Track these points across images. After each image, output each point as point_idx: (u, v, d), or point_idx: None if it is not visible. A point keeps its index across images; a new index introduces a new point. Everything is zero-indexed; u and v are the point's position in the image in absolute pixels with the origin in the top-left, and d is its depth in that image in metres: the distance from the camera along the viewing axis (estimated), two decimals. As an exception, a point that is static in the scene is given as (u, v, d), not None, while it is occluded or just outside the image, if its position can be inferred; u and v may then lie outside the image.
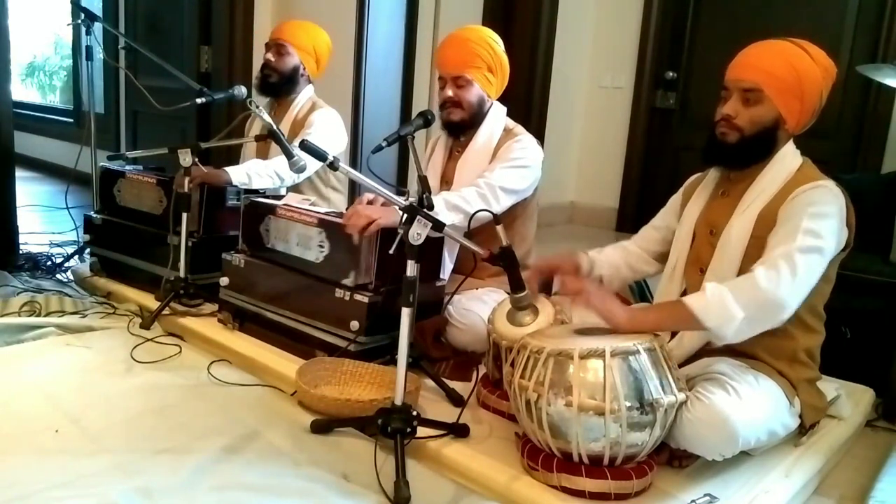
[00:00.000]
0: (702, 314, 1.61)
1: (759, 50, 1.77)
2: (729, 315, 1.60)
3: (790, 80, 1.72)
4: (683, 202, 1.99)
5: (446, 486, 1.70)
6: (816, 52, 1.76)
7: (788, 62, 1.72)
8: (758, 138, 1.76)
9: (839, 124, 3.82)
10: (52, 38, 7.47)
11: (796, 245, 1.64)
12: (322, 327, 2.24)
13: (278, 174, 2.75)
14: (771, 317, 1.64)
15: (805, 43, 1.76)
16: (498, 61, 2.41)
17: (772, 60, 1.74)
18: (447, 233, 1.76)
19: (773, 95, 1.73)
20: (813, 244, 1.65)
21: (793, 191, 1.72)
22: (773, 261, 1.64)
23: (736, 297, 1.60)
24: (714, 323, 1.61)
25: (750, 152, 1.79)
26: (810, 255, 1.64)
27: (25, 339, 2.41)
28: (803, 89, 1.73)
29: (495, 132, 2.45)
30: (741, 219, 1.78)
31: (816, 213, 1.67)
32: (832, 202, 1.70)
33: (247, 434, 1.86)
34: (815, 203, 1.68)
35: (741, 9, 4.12)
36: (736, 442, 1.60)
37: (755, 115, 1.75)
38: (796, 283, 1.63)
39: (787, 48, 1.75)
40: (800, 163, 1.80)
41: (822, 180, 1.74)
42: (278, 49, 2.93)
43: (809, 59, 1.73)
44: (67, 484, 1.60)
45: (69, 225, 3.66)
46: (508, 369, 1.75)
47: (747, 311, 1.60)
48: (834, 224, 1.69)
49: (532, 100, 4.50)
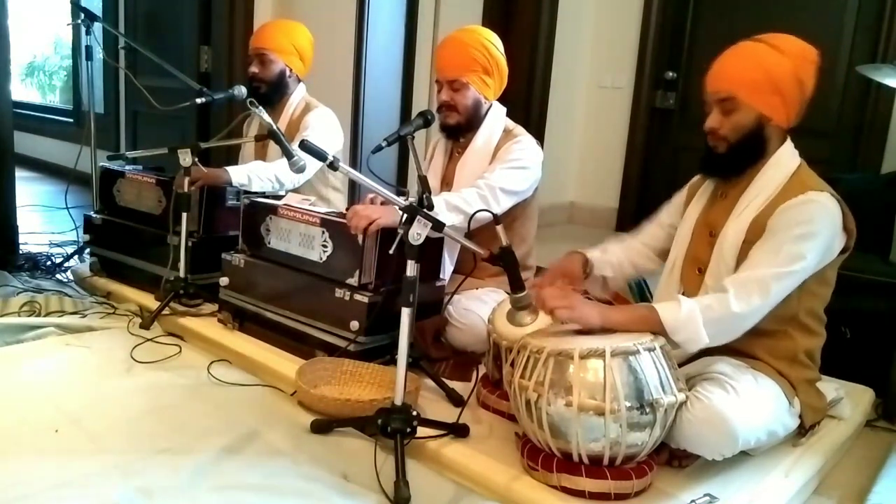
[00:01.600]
0: (671, 329, 1.65)
1: (726, 59, 1.78)
2: (696, 337, 1.65)
3: (760, 79, 1.73)
4: (687, 201, 2.00)
5: (446, 486, 1.70)
6: (785, 42, 1.75)
7: (755, 63, 1.73)
8: (745, 142, 1.78)
9: (839, 124, 3.82)
10: (52, 38, 7.47)
11: (774, 271, 1.66)
12: (322, 327, 2.24)
13: (278, 178, 2.75)
14: (733, 333, 1.71)
15: (772, 37, 1.76)
16: (494, 63, 2.40)
17: (739, 66, 1.76)
18: (447, 233, 1.76)
19: (747, 99, 1.74)
20: (791, 268, 1.67)
21: (785, 200, 1.72)
22: (747, 283, 1.67)
23: (706, 320, 1.65)
24: (681, 339, 1.66)
25: (742, 158, 1.81)
26: (784, 279, 1.67)
27: (25, 339, 2.41)
28: (777, 84, 1.73)
29: (494, 133, 2.45)
30: (736, 223, 1.79)
31: (802, 234, 1.68)
32: (821, 220, 1.69)
33: (247, 434, 1.86)
34: (803, 222, 1.68)
35: (741, 9, 4.12)
36: (736, 441, 1.61)
37: (736, 123, 1.77)
38: (764, 306, 1.68)
39: (752, 49, 1.76)
40: (797, 165, 1.80)
41: (815, 192, 1.71)
42: (260, 58, 2.91)
43: (776, 52, 1.73)
44: (67, 484, 1.60)
45: (69, 225, 3.66)
46: (508, 369, 1.75)
47: (712, 332, 1.66)
48: (820, 243, 1.69)
49: (532, 100, 4.50)
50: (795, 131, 1.84)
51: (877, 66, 3.15)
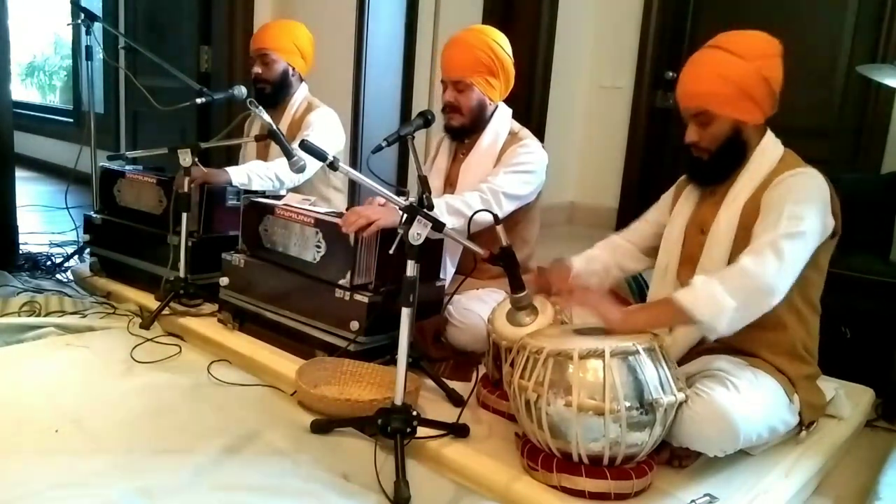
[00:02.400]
0: (692, 308, 1.62)
1: (689, 73, 1.81)
2: (720, 306, 1.60)
3: (726, 89, 1.75)
4: (674, 199, 2.01)
5: (446, 486, 1.70)
6: (742, 44, 1.76)
7: (716, 74, 1.75)
8: (727, 149, 1.81)
9: (839, 124, 3.81)
10: (52, 38, 7.47)
11: (780, 231, 1.66)
12: (322, 327, 2.24)
13: (279, 177, 2.75)
14: (761, 302, 1.65)
15: (729, 40, 1.78)
16: (500, 64, 2.38)
17: (702, 80, 1.78)
18: (447, 233, 1.76)
19: (719, 110, 1.77)
20: (796, 229, 1.67)
21: (774, 179, 1.75)
22: (759, 248, 1.66)
23: (725, 287, 1.61)
24: (706, 315, 1.61)
25: (726, 163, 1.84)
26: (794, 239, 1.66)
27: (25, 339, 2.41)
28: (744, 89, 1.75)
29: (500, 135, 2.44)
30: (727, 212, 1.81)
31: (797, 198, 1.70)
32: (813, 187, 1.73)
33: (247, 434, 1.86)
34: (795, 189, 1.71)
35: (741, 9, 4.11)
36: (737, 437, 1.61)
37: (714, 133, 1.80)
38: (783, 268, 1.64)
39: (710, 60, 1.77)
40: (781, 153, 1.83)
41: (803, 167, 1.77)
42: (262, 59, 2.91)
43: (735, 58, 1.74)
44: (67, 484, 1.59)
45: (69, 225, 3.66)
46: (508, 369, 1.75)
47: (737, 300, 1.60)
48: (816, 208, 1.70)
49: (532, 100, 4.49)
50: (794, 131, 1.85)
51: (877, 66, 3.15)
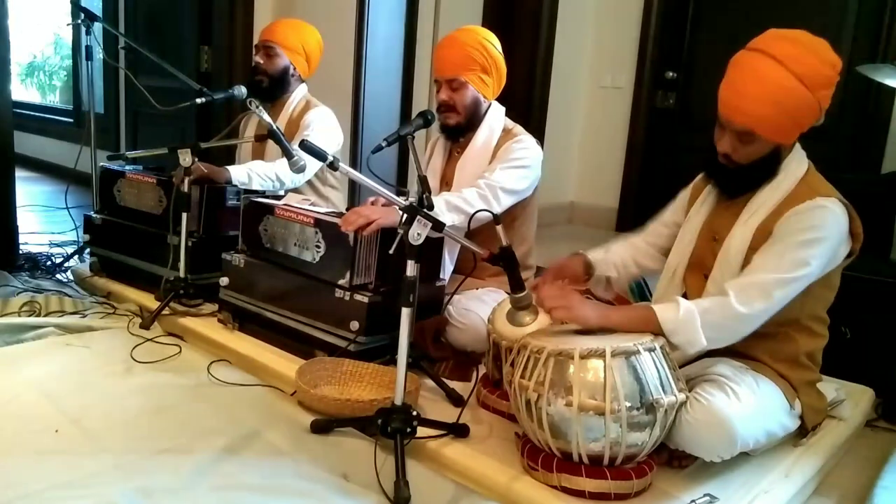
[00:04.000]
0: (669, 330, 1.64)
1: (745, 86, 1.66)
2: (694, 339, 1.64)
3: (781, 119, 1.66)
4: (690, 200, 1.97)
5: (446, 486, 1.70)
6: (808, 67, 1.62)
7: (777, 102, 1.63)
8: (759, 166, 1.74)
9: (839, 124, 3.80)
10: (52, 38, 7.47)
11: (777, 276, 1.64)
12: (322, 327, 2.24)
13: (279, 177, 2.75)
14: (735, 336, 1.69)
15: (786, 55, 1.62)
16: (493, 62, 2.39)
17: (759, 103, 1.64)
18: (447, 233, 1.76)
19: (767, 135, 1.69)
20: (795, 275, 1.65)
21: (793, 206, 1.69)
22: (749, 290, 1.64)
23: (704, 323, 1.63)
24: (679, 341, 1.65)
25: (755, 178, 1.77)
26: (788, 285, 1.65)
27: (25, 339, 2.41)
28: (799, 119, 1.68)
29: (494, 133, 2.45)
30: (742, 230, 1.77)
31: (808, 240, 1.65)
32: (829, 226, 1.67)
33: (247, 434, 1.86)
34: (810, 228, 1.66)
35: (741, 8, 4.11)
36: (735, 444, 1.61)
37: (752, 153, 1.72)
38: (768, 310, 1.66)
39: (773, 80, 1.62)
40: (805, 168, 1.77)
41: (824, 198, 1.68)
42: (266, 51, 2.91)
43: (798, 84, 1.61)
44: (67, 484, 1.59)
45: (69, 225, 3.66)
46: (508, 369, 1.75)
47: (711, 335, 1.64)
48: (826, 249, 1.67)
49: (532, 100, 4.50)
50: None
51: (877, 66, 3.14)
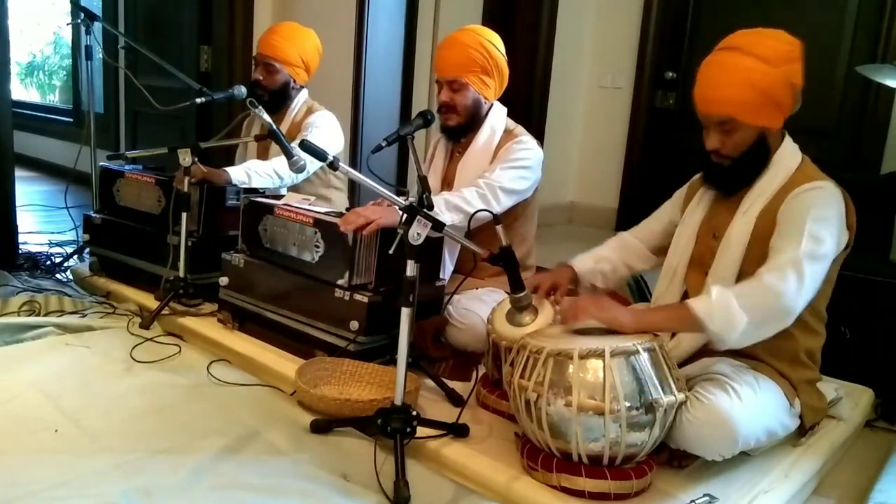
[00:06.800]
0: (706, 318, 1.61)
1: (711, 79, 1.73)
2: (734, 321, 1.60)
3: (755, 98, 1.69)
4: (687, 199, 1.99)
5: (446, 486, 1.70)
6: (768, 48, 1.69)
7: (743, 81, 1.68)
8: (750, 155, 1.77)
9: (839, 124, 3.81)
10: (52, 37, 7.46)
11: (802, 251, 1.63)
12: (322, 327, 2.24)
13: (277, 173, 2.75)
14: (776, 323, 1.65)
15: (753, 42, 1.70)
16: (494, 63, 2.39)
17: (727, 86, 1.69)
18: (447, 233, 1.76)
19: (746, 119, 1.71)
20: (817, 250, 1.64)
21: (791, 190, 1.72)
22: (781, 266, 1.63)
23: (741, 302, 1.60)
24: (718, 327, 1.61)
25: (748, 170, 1.79)
26: (815, 262, 1.64)
27: (25, 339, 2.40)
28: (772, 96, 1.70)
29: (496, 133, 2.45)
30: (742, 220, 1.78)
31: (818, 216, 1.67)
32: (832, 204, 1.70)
33: (247, 434, 1.86)
34: (815, 206, 1.68)
35: (741, 9, 4.11)
36: (735, 443, 1.61)
37: (738, 141, 1.74)
38: (803, 290, 1.63)
39: (735, 65, 1.69)
40: (799, 160, 1.80)
41: (821, 180, 1.73)
42: (266, 67, 2.90)
43: (760, 63, 1.67)
44: (67, 484, 1.60)
45: (68, 225, 3.66)
46: (508, 369, 1.75)
47: (752, 317, 1.60)
48: (834, 227, 1.68)
49: (532, 100, 4.50)
50: (795, 131, 1.84)
51: (877, 66, 3.15)
